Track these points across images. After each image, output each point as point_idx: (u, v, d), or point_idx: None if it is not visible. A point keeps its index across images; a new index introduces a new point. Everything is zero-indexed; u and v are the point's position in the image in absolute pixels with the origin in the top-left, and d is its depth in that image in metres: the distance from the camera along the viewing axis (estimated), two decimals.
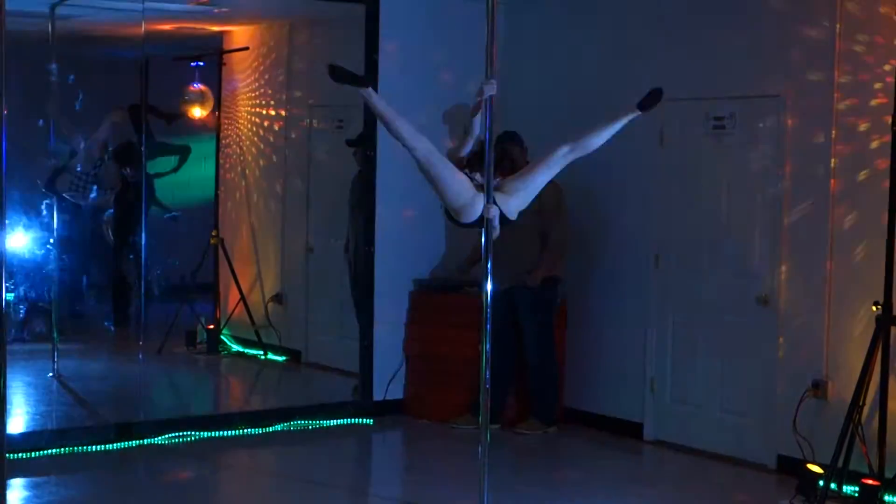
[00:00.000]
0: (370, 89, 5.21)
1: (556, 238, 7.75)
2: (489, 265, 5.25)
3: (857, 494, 5.99)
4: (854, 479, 6.03)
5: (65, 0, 7.86)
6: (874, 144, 6.40)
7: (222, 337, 9.29)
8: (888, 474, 6.02)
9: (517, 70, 8.34)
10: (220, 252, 9.25)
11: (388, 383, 8.26)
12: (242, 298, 9.22)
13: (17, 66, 7.25)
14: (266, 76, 9.25)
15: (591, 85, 8.04)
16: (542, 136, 7.80)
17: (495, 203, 5.24)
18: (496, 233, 5.34)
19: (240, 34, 9.37)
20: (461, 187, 5.28)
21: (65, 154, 8.40)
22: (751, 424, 7.11)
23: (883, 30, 6.32)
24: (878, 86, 6.37)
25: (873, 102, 6.40)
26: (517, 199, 5.34)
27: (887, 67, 6.24)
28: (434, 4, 8.28)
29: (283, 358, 9.16)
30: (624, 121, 5.39)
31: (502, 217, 5.31)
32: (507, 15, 8.29)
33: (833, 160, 6.62)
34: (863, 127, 6.48)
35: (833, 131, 6.62)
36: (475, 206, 5.27)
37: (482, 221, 5.25)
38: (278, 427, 7.81)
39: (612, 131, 5.38)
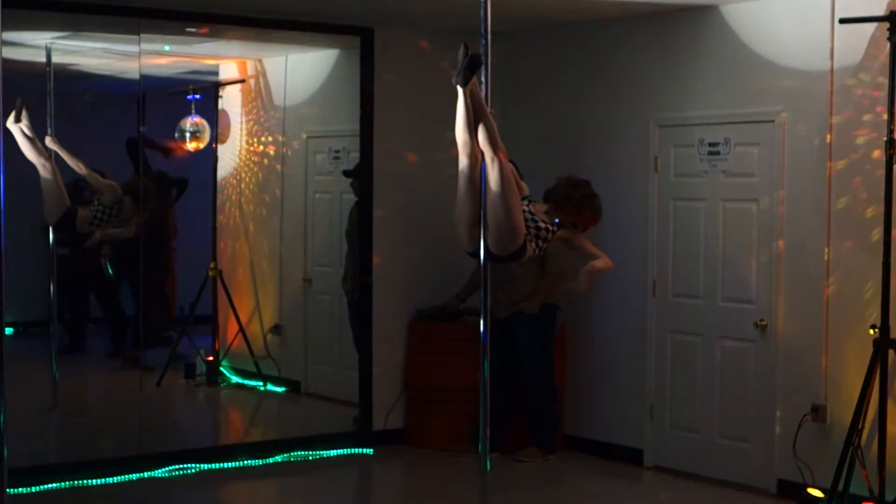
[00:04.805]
0: (463, 91, 4.91)
1: (553, 265, 7.76)
2: (488, 293, 5.19)
3: None
4: (854, 502, 6.03)
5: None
6: (870, 164, 6.42)
7: (221, 368, 9.27)
8: (888, 497, 6.02)
9: (515, 100, 8.38)
10: (219, 284, 9.25)
11: (388, 413, 8.26)
12: (241, 330, 9.21)
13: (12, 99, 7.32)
14: (263, 107, 9.28)
15: (585, 115, 8.09)
16: (537, 167, 7.86)
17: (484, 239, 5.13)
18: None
19: (236, 66, 9.41)
20: (460, 215, 5.26)
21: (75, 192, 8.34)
22: (750, 449, 7.11)
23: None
24: (872, 110, 6.42)
25: (865, 117, 6.44)
26: (494, 235, 5.19)
27: (882, 79, 6.26)
28: (430, 35, 8.32)
29: (283, 389, 9.15)
30: (463, 102, 4.98)
31: (492, 255, 5.20)
32: (503, 49, 8.34)
33: (829, 184, 6.65)
34: (859, 149, 6.51)
35: (828, 155, 6.64)
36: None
37: (476, 252, 5.21)
38: (278, 458, 7.80)
39: (472, 115, 5.00)
